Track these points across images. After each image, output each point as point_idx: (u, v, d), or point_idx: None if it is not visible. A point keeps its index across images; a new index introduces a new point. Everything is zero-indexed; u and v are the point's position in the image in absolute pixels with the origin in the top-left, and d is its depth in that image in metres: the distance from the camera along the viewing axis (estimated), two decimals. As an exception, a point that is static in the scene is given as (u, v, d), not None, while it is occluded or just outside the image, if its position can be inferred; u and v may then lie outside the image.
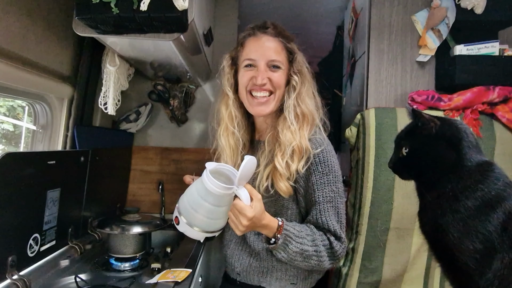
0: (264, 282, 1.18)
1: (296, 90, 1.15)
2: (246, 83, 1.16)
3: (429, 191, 0.89)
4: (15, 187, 1.05)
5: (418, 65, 1.68)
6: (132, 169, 2.02)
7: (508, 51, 1.57)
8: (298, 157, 1.10)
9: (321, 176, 1.11)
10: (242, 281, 1.22)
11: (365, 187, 1.54)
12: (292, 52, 1.18)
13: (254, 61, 1.15)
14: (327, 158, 1.12)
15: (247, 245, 1.21)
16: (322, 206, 1.10)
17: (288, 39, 1.18)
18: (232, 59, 1.23)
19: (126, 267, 1.35)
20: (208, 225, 1.01)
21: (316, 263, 1.08)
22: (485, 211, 0.80)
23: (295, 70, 1.17)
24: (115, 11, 1.02)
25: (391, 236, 1.53)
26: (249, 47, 1.17)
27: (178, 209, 1.02)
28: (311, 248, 1.06)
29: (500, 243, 0.77)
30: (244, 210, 0.96)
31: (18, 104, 1.74)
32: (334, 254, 1.09)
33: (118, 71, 1.50)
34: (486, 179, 0.82)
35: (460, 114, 1.55)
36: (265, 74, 1.13)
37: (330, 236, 1.09)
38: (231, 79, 1.22)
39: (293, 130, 1.12)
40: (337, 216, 1.11)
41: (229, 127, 1.22)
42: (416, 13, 1.65)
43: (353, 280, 1.55)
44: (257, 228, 1.04)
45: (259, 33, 1.16)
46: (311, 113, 1.16)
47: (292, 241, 1.05)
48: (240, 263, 1.21)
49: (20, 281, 1.02)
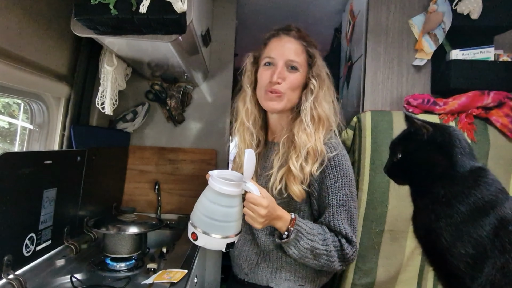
0: (273, 282, 1.19)
1: (314, 93, 1.17)
2: (264, 83, 1.18)
3: (422, 196, 0.90)
4: (11, 186, 1.05)
5: (414, 69, 1.69)
6: (128, 168, 2.02)
7: (503, 56, 1.59)
8: (312, 159, 1.12)
9: (335, 179, 1.12)
10: (250, 281, 1.23)
11: (360, 189, 1.55)
12: (312, 56, 1.20)
13: (273, 59, 1.17)
14: (341, 162, 1.13)
15: (255, 245, 1.22)
16: (335, 209, 1.11)
17: (310, 43, 1.21)
18: (254, 58, 1.27)
19: (122, 267, 1.35)
20: (225, 229, 1.00)
21: (327, 263, 1.09)
22: (477, 217, 0.81)
23: (314, 73, 1.19)
24: (113, 12, 1.02)
25: (385, 238, 1.54)
26: (271, 46, 1.20)
27: (192, 224, 1.01)
28: (321, 247, 1.07)
29: (492, 248, 0.79)
30: (259, 200, 0.99)
31: (14, 101, 1.74)
32: (344, 256, 1.10)
33: (116, 71, 1.50)
34: (479, 185, 0.83)
35: (455, 118, 1.57)
36: (282, 73, 1.15)
37: (342, 239, 1.10)
38: (251, 77, 1.26)
39: (308, 133, 1.13)
40: (349, 220, 1.12)
41: (245, 122, 1.25)
42: (413, 17, 1.66)
43: (347, 281, 1.56)
44: (273, 221, 1.06)
45: (282, 34, 1.20)
46: (327, 117, 1.17)
47: (303, 237, 1.06)
48: (248, 264, 1.23)
49: (16, 281, 1.02)
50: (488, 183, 0.84)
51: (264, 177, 1.21)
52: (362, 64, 1.73)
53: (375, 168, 1.53)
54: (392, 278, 1.55)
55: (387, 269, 1.55)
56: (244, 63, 1.28)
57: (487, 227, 0.80)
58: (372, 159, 1.54)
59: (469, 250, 0.80)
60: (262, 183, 1.19)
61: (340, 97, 2.34)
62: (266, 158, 1.26)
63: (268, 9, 2.34)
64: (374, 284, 1.55)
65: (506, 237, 0.78)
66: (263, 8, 2.34)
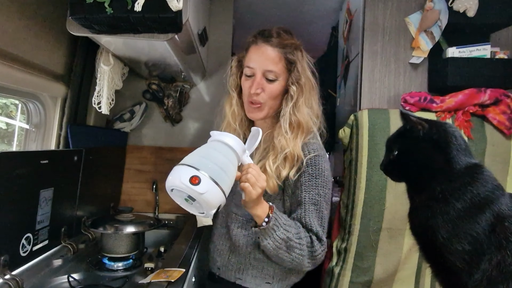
0: (240, 280, 1.20)
1: (293, 99, 1.17)
2: (246, 92, 1.20)
3: (419, 193, 0.90)
4: (8, 186, 1.05)
5: (411, 66, 1.69)
6: (126, 168, 2.02)
7: (499, 54, 1.59)
8: (290, 164, 1.13)
9: (310, 178, 1.13)
10: (221, 276, 1.25)
11: (357, 187, 1.55)
12: (292, 62, 1.18)
13: (252, 70, 1.18)
14: (318, 162, 1.14)
15: (229, 239, 1.23)
16: (307, 207, 1.12)
17: (290, 47, 1.18)
18: (238, 61, 1.27)
19: (119, 266, 1.35)
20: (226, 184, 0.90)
21: (298, 257, 1.08)
22: (474, 213, 0.81)
23: (294, 80, 1.18)
24: (109, 11, 1.02)
25: (383, 236, 1.54)
26: (250, 54, 1.20)
27: (191, 166, 0.89)
28: (295, 239, 1.07)
29: (488, 244, 0.79)
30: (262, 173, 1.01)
31: (11, 101, 1.73)
32: (313, 253, 1.10)
33: (112, 70, 1.50)
34: (475, 181, 0.83)
35: (452, 116, 1.57)
36: (260, 83, 1.16)
37: (312, 235, 1.10)
38: (236, 80, 1.27)
39: (287, 138, 1.14)
40: (320, 220, 1.13)
41: (232, 124, 1.27)
42: (410, 15, 1.66)
43: (345, 279, 1.56)
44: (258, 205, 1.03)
45: (260, 42, 1.18)
46: (307, 122, 1.18)
47: (279, 227, 1.05)
48: (220, 258, 1.25)
49: (13, 281, 1.02)
50: (484, 179, 0.84)
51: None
52: (359, 62, 1.73)
53: (373, 166, 1.53)
54: (390, 276, 1.55)
55: (385, 267, 1.55)
56: (230, 66, 1.29)
57: (484, 224, 0.80)
58: (369, 157, 1.54)
59: (466, 247, 0.80)
60: None
61: (338, 96, 2.35)
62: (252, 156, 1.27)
63: (265, 8, 2.34)
64: (372, 282, 1.55)
65: (502, 233, 0.78)
66: (260, 7, 2.34)
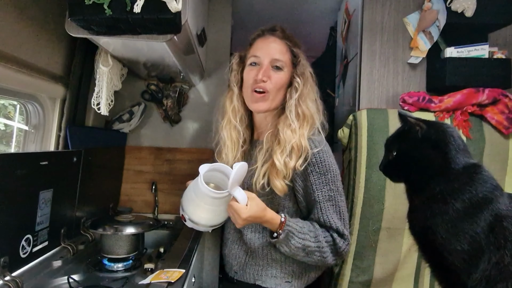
0: (259, 280, 1.21)
1: (298, 91, 1.19)
2: (250, 81, 1.20)
3: (418, 193, 0.91)
4: (7, 187, 1.04)
5: (409, 66, 1.70)
6: (125, 169, 2.01)
7: (497, 54, 1.60)
8: (296, 155, 1.14)
9: (319, 176, 1.14)
10: (239, 279, 1.25)
11: (357, 187, 1.55)
12: (296, 56, 1.22)
13: (258, 58, 1.20)
14: (324, 158, 1.15)
15: (243, 243, 1.24)
16: (322, 205, 1.13)
17: (294, 43, 1.24)
18: (240, 58, 1.29)
19: (119, 267, 1.35)
20: (210, 221, 1.12)
21: (320, 259, 1.11)
22: (472, 213, 0.81)
23: (298, 72, 1.21)
24: (108, 12, 1.02)
25: (382, 236, 1.55)
26: (256, 46, 1.23)
27: (182, 207, 1.11)
28: (313, 244, 1.09)
29: (487, 244, 0.79)
30: (239, 211, 1.03)
31: (10, 102, 1.73)
32: (337, 250, 1.12)
33: (111, 71, 1.49)
34: (474, 181, 0.84)
35: (451, 116, 1.57)
36: (267, 71, 1.18)
37: (333, 233, 1.12)
38: (237, 76, 1.28)
39: (293, 129, 1.15)
40: (338, 214, 1.14)
41: (232, 120, 1.27)
42: (408, 15, 1.67)
43: (344, 279, 1.57)
44: (261, 223, 1.11)
45: (267, 34, 1.22)
46: (312, 114, 1.20)
47: (294, 237, 1.08)
48: (237, 262, 1.25)
49: (13, 282, 1.02)
50: (483, 179, 0.85)
51: (248, 172, 1.22)
52: (358, 62, 1.73)
53: (372, 166, 1.53)
54: (389, 276, 1.56)
55: (384, 266, 1.55)
56: (230, 62, 1.31)
57: (482, 223, 0.80)
58: (368, 157, 1.54)
59: (465, 246, 0.80)
60: (246, 179, 1.20)
61: (336, 96, 2.35)
62: (251, 156, 1.28)
63: (263, 8, 2.34)
64: (372, 282, 1.56)
65: (501, 233, 0.79)
66: (258, 8, 2.34)
